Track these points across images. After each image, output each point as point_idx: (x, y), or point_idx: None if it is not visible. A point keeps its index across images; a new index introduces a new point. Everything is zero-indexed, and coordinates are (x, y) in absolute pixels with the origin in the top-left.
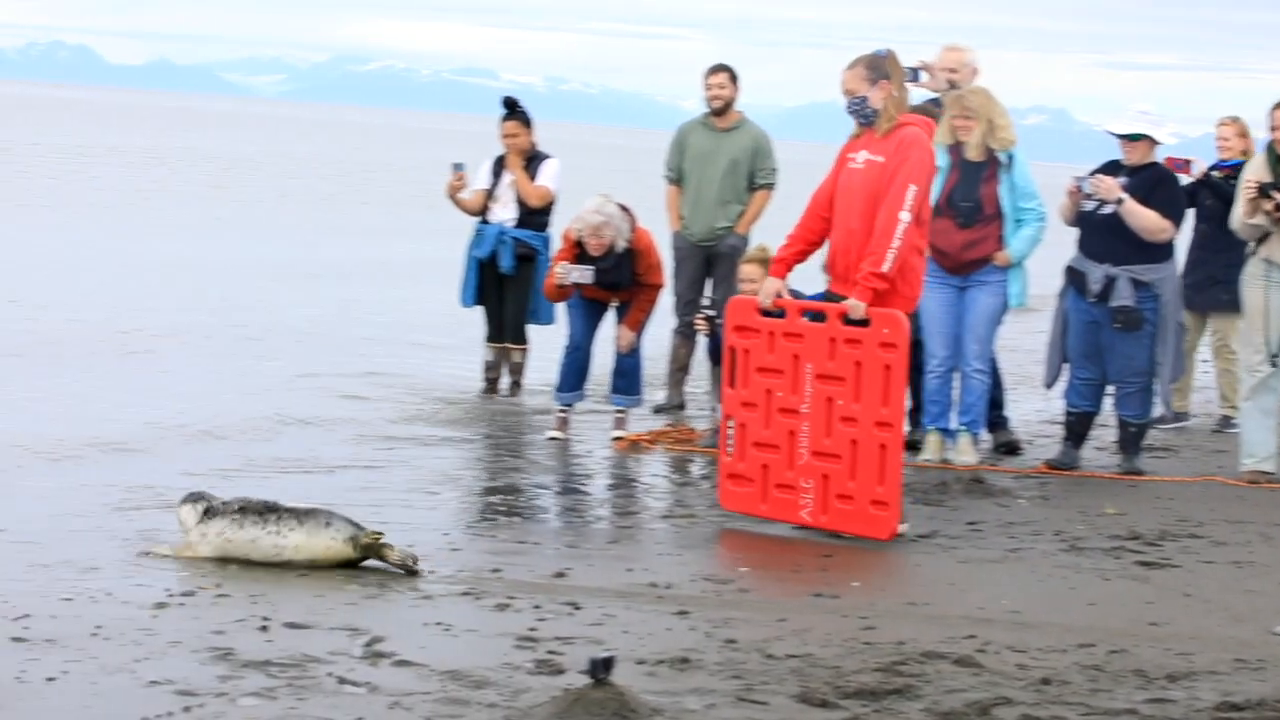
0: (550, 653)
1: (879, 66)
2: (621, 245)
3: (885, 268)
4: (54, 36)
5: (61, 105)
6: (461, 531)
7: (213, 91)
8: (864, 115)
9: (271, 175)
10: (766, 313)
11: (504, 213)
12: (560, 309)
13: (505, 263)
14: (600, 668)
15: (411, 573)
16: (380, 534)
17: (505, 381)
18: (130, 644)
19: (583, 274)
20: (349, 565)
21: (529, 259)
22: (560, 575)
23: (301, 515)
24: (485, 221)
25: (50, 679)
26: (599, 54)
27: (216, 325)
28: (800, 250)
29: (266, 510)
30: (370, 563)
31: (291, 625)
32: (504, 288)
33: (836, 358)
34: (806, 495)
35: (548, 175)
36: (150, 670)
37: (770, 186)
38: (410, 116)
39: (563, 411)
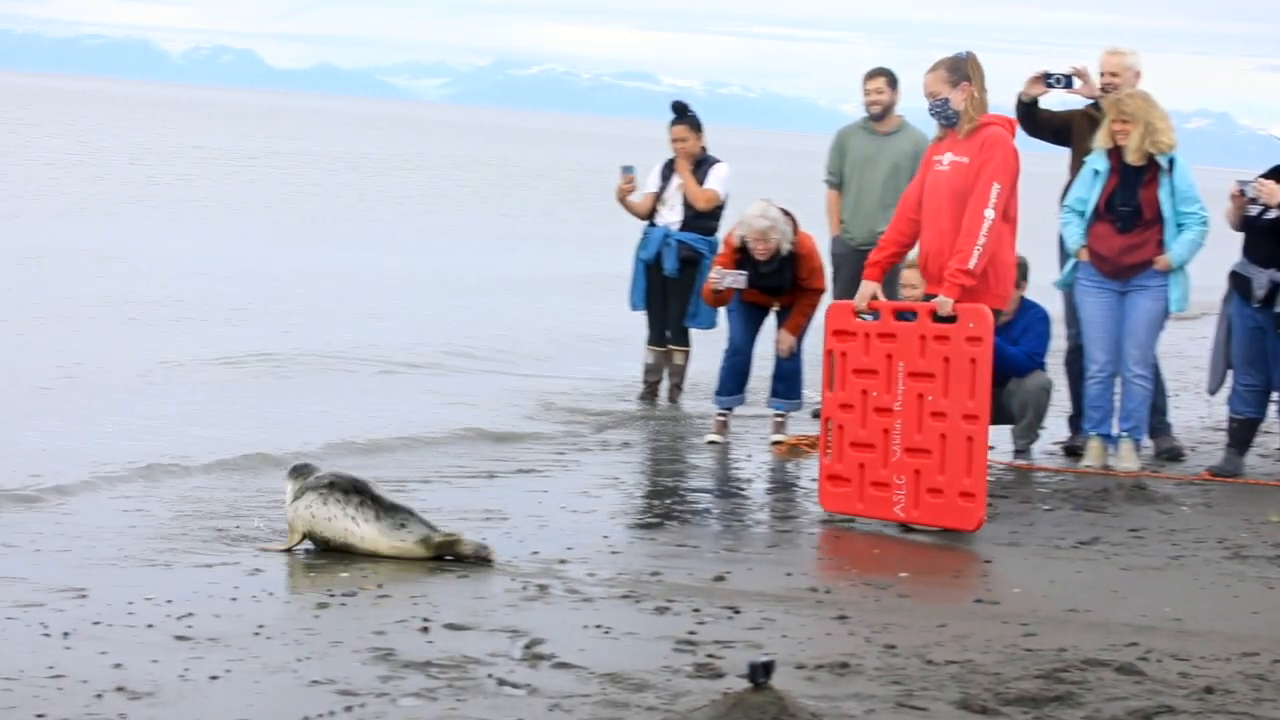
0: (710, 656)
1: (960, 69)
2: (785, 249)
3: (971, 265)
4: (218, 41)
5: (230, 109)
6: (621, 534)
7: (375, 95)
8: (946, 117)
9: (457, 179)
10: (862, 315)
11: (671, 215)
12: (721, 313)
13: (669, 265)
14: (760, 672)
15: (485, 561)
16: (455, 534)
17: (666, 385)
18: (292, 643)
19: (736, 279)
20: (424, 560)
21: (693, 262)
22: (720, 579)
23: (382, 510)
24: (652, 224)
25: (213, 677)
26: (759, 57)
27: (434, 342)
28: (892, 253)
29: (353, 490)
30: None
31: (452, 626)
32: (667, 290)
33: (926, 355)
34: (899, 492)
35: (716, 179)
36: (312, 670)
37: None
38: (571, 120)
39: (722, 415)
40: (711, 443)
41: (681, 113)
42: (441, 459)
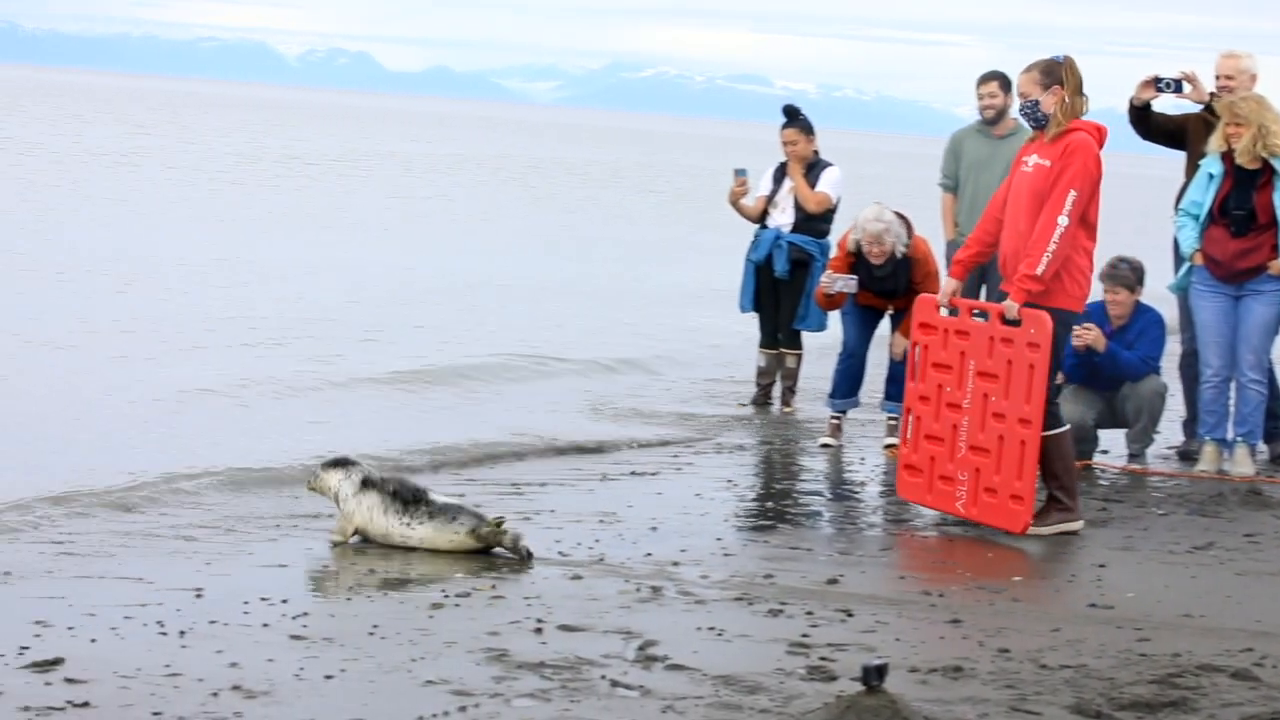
0: (823, 659)
1: (1053, 72)
2: (899, 253)
3: (1039, 270)
4: (334, 44)
5: (347, 112)
6: (735, 537)
7: (489, 98)
8: (1035, 119)
9: (569, 182)
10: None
11: (782, 218)
12: (835, 316)
13: (780, 267)
14: (873, 675)
15: (517, 552)
16: (500, 521)
17: (779, 388)
18: (407, 643)
19: (848, 283)
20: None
21: (804, 264)
22: (833, 582)
23: (435, 510)
24: (764, 227)
25: (328, 676)
26: (873, 60)
27: (548, 347)
28: (976, 252)
29: (413, 500)
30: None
31: (566, 628)
32: (779, 293)
33: (993, 355)
34: (961, 487)
35: (827, 182)
36: (426, 670)
37: None
38: (683, 123)
39: (836, 418)
40: (825, 446)
41: (793, 116)
42: (556, 463)
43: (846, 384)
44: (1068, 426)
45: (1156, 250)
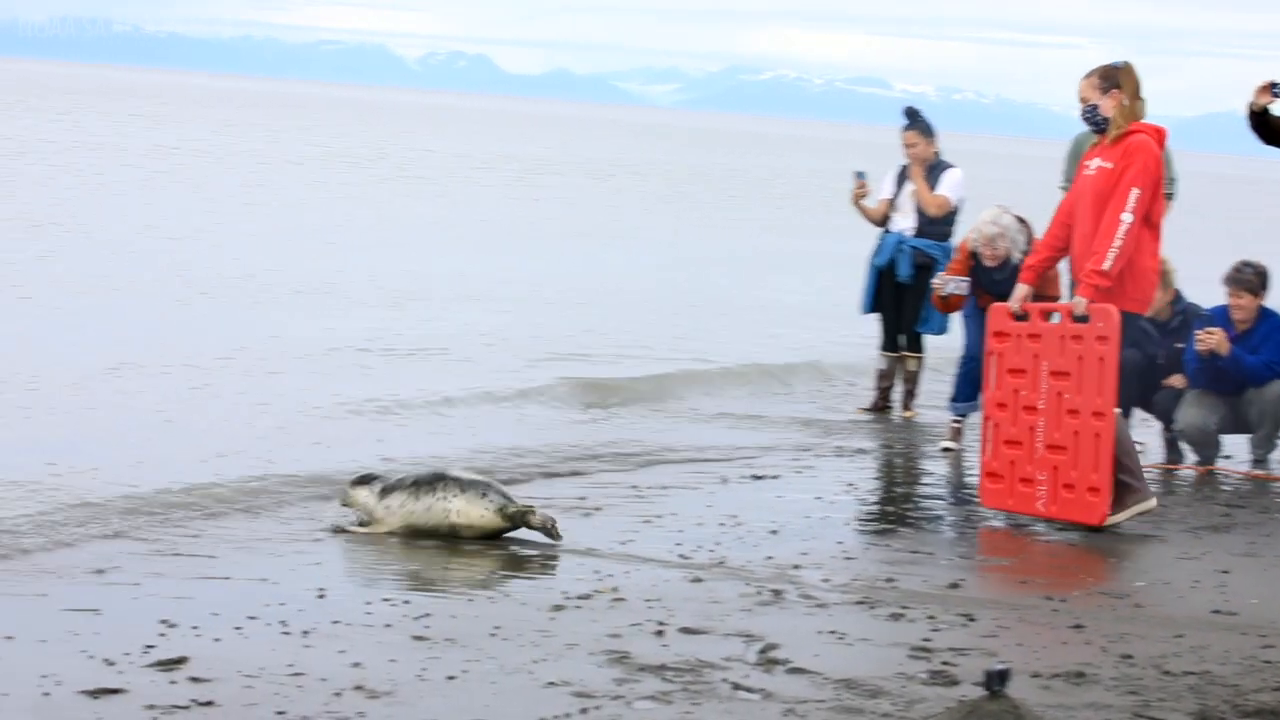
0: (945, 663)
1: (1111, 76)
2: (1017, 257)
3: (1105, 266)
4: (454, 47)
5: (471, 115)
6: (856, 540)
7: (608, 101)
8: (1095, 123)
9: (690, 186)
10: (1018, 318)
11: (904, 222)
12: (956, 319)
13: (903, 271)
14: (996, 680)
15: (552, 536)
16: (529, 507)
17: (899, 391)
18: (528, 645)
19: (959, 285)
20: (499, 534)
21: (927, 268)
22: (955, 586)
23: (464, 484)
24: (887, 230)
25: (450, 677)
26: (993, 63)
27: (667, 351)
28: (1046, 257)
29: (435, 479)
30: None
31: (687, 630)
32: (901, 296)
33: (1065, 354)
34: (1041, 487)
35: (948, 185)
36: (548, 671)
37: (1169, 197)
38: (802, 126)
39: (957, 422)
40: (946, 449)
41: (913, 118)
42: (677, 466)
43: (968, 387)
44: (1119, 410)
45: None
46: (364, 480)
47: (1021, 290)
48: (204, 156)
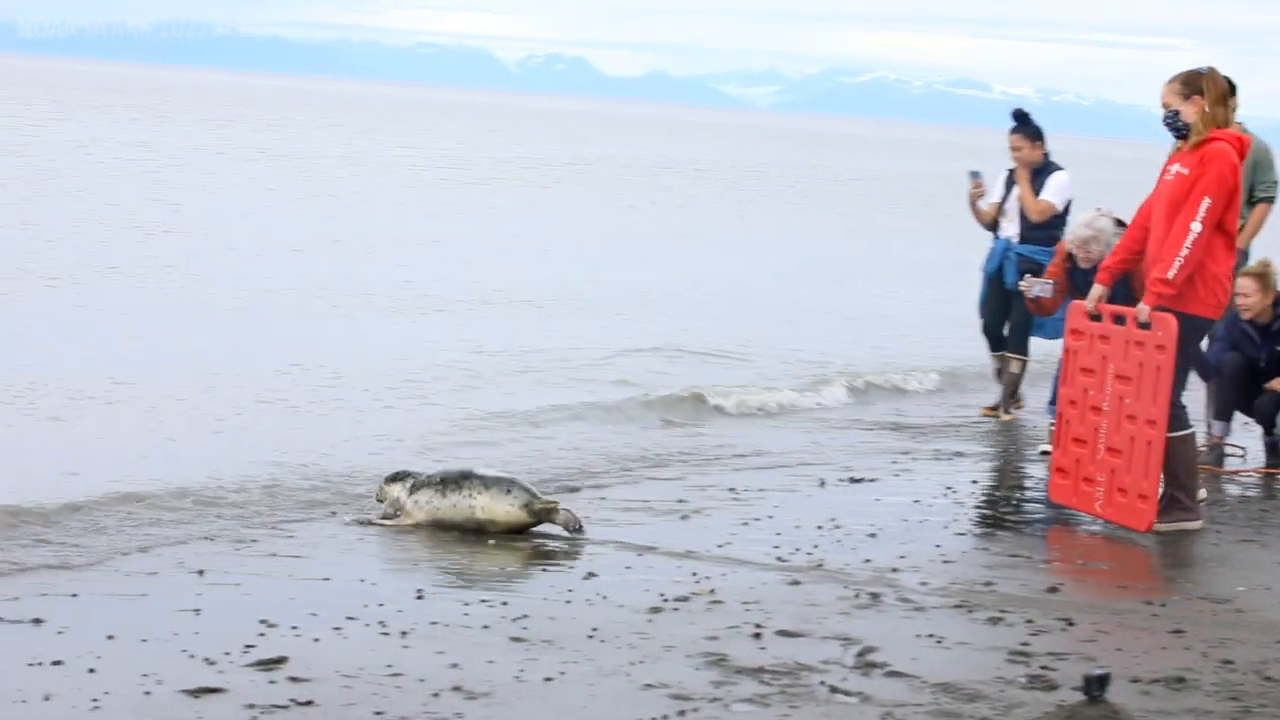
0: (1043, 668)
1: (1193, 82)
2: None
3: (1170, 274)
4: (552, 49)
5: (576, 118)
6: (954, 544)
7: (706, 103)
8: (1176, 128)
9: (794, 187)
10: (1094, 318)
11: (1010, 228)
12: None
13: (1009, 278)
14: (1095, 685)
15: (576, 531)
16: (554, 502)
17: (1001, 394)
18: (626, 647)
19: (1044, 288)
20: (525, 529)
21: (1035, 273)
22: (1053, 590)
23: (489, 481)
24: (996, 236)
25: (548, 679)
26: (1093, 65)
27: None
28: (1123, 259)
29: (461, 477)
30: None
31: (784, 633)
32: (1009, 302)
33: (1128, 358)
34: (1100, 488)
35: (1052, 189)
36: (645, 673)
37: (1271, 200)
38: (902, 129)
39: (1055, 425)
40: (1045, 453)
41: (1021, 121)
42: (776, 470)
43: None
44: (1192, 430)
45: None
46: (397, 477)
47: (1096, 291)
48: (331, 163)
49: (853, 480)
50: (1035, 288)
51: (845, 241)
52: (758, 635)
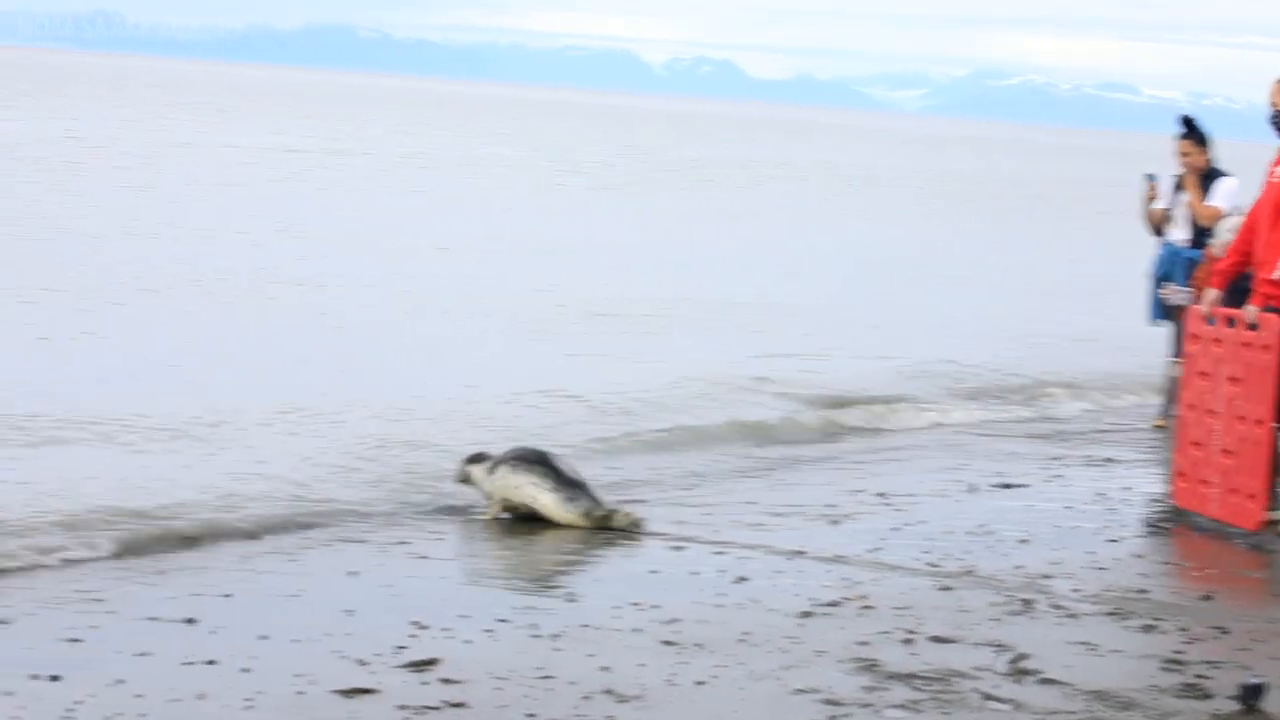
0: (1198, 677)
1: None
2: None
3: (1275, 275)
4: (698, 52)
5: (733, 121)
6: (1107, 550)
7: (853, 106)
8: None
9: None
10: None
11: (1178, 234)
12: None
13: (1179, 283)
14: (1251, 694)
15: (636, 531)
16: (612, 512)
17: (1163, 401)
18: (777, 651)
19: (1185, 297)
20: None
21: None
22: (1207, 598)
23: (558, 482)
24: (1164, 242)
25: (699, 683)
26: (1243, 68)
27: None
28: (1234, 262)
29: (536, 461)
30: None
31: (936, 639)
32: (1178, 307)
33: (1238, 360)
34: (1214, 489)
35: (1220, 194)
36: (796, 678)
37: None
38: (1050, 132)
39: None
40: None
41: (1188, 127)
42: (927, 475)
43: None
44: None
45: None
46: (477, 459)
47: (1210, 294)
48: (506, 167)
49: (1004, 485)
50: (1174, 296)
51: (1008, 250)
52: (909, 641)
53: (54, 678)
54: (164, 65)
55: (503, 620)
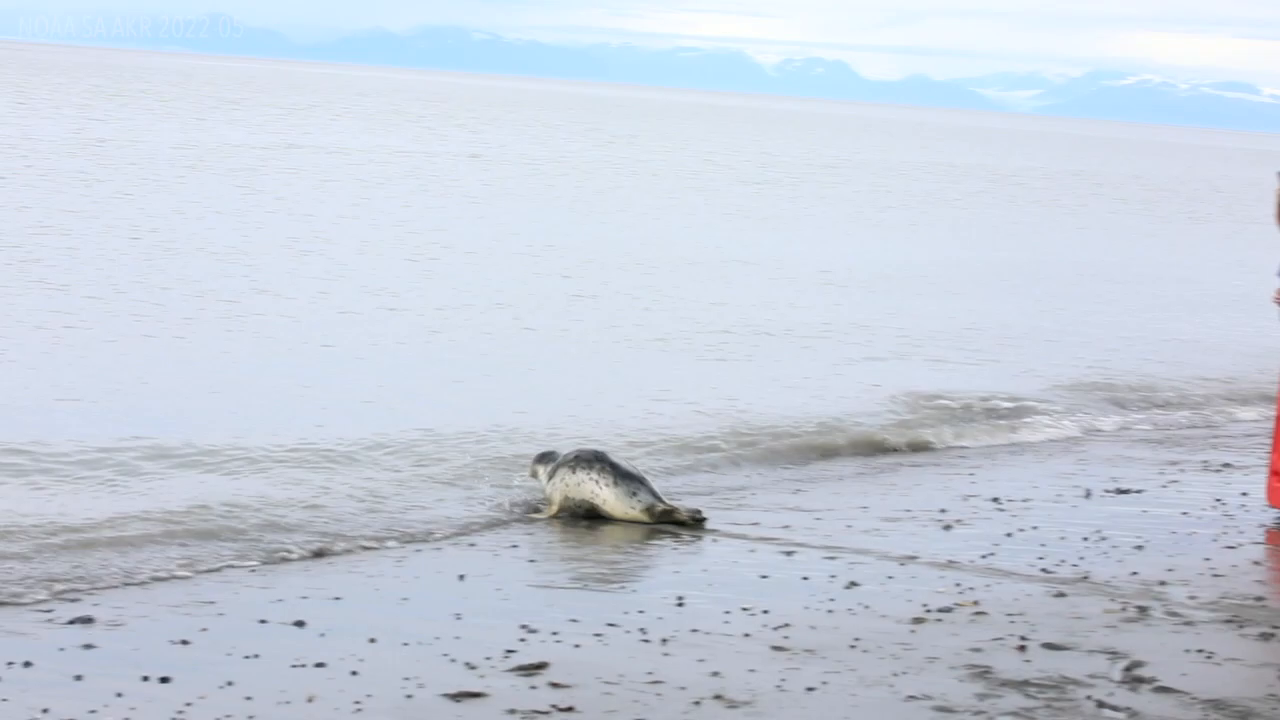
0: None
1: None
2: None
3: None
4: (810, 53)
5: (831, 121)
6: (1224, 557)
7: (966, 106)
8: None
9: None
10: None
11: None
12: None
13: None
14: None
15: (698, 523)
16: (674, 505)
17: None
18: (888, 658)
19: None
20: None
21: None
22: None
23: (618, 477)
24: None
25: (810, 689)
26: None
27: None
28: None
29: (594, 460)
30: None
31: (1050, 646)
32: None
33: None
34: None
35: None
36: (908, 685)
37: None
38: (1168, 132)
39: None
40: None
41: None
42: (1043, 478)
43: None
44: None
45: None
46: (545, 457)
47: None
48: (651, 167)
49: (1119, 491)
50: None
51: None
52: (1022, 648)
53: (164, 679)
54: (283, 68)
55: (612, 624)
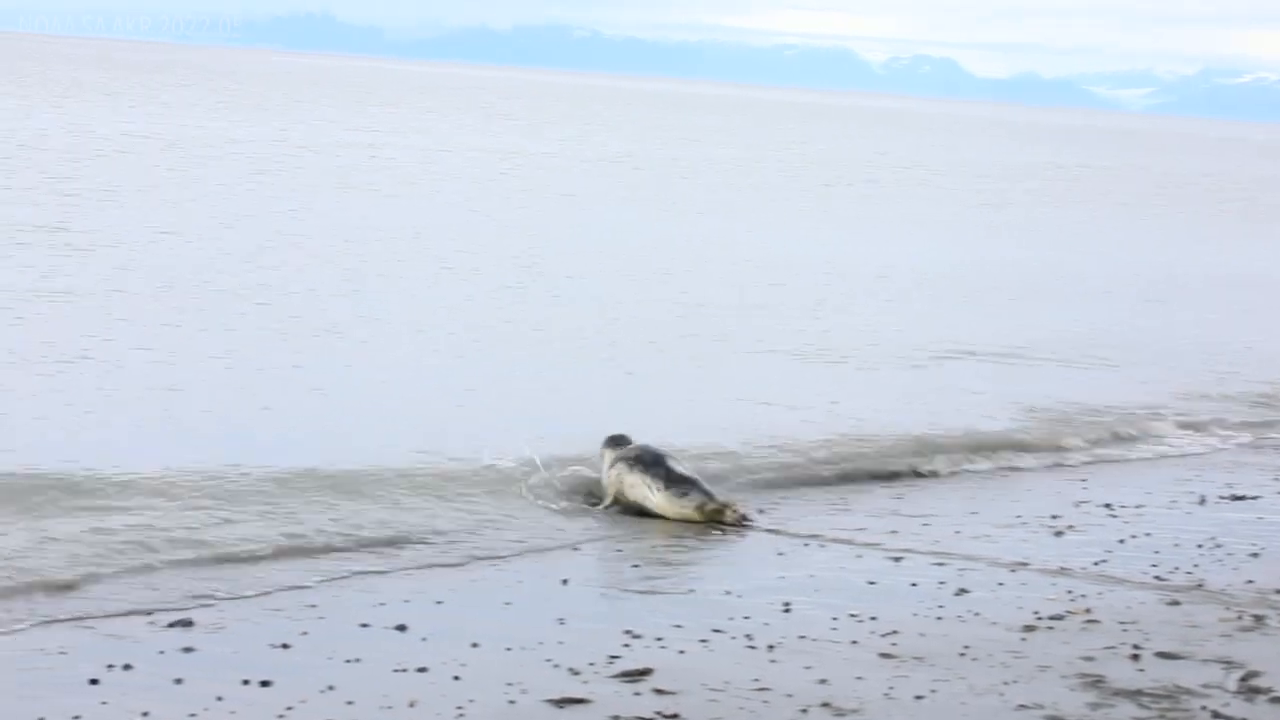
0: None
1: None
2: None
3: None
4: (918, 51)
5: (943, 120)
6: None
7: (1076, 105)
8: None
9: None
10: None
11: None
12: None
13: None
14: None
15: (745, 525)
16: (724, 505)
17: None
18: (999, 666)
19: None
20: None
21: None
22: None
23: (670, 480)
24: None
25: (918, 697)
26: None
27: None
28: None
29: (654, 463)
30: None
31: (1163, 655)
32: None
33: None
34: None
35: None
36: (1019, 694)
37: None
38: None
39: None
40: None
41: None
42: (1156, 485)
43: None
44: None
45: None
46: (615, 441)
47: None
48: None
49: (1235, 498)
50: None
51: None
52: (1136, 656)
53: (264, 683)
54: (385, 66)
55: (718, 631)
